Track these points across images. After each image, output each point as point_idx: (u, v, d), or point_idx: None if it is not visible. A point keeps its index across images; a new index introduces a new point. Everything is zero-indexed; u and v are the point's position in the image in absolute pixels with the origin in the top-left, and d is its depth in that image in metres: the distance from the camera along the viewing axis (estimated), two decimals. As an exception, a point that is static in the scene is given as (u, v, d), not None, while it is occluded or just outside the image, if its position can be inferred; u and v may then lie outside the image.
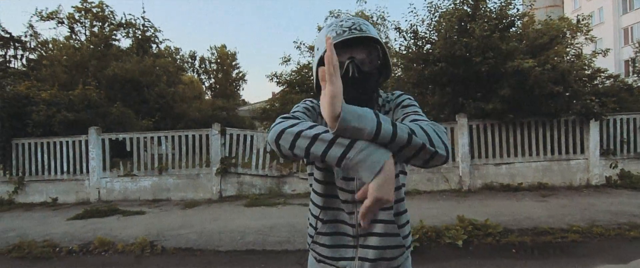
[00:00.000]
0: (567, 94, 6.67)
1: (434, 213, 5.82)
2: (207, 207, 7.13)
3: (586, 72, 9.82)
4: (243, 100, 45.01)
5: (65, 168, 7.93)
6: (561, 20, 11.90)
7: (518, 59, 6.35)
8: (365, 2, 41.73)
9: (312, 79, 1.02)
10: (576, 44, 11.59)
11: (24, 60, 20.59)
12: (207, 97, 36.87)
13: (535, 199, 6.66)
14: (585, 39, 12.58)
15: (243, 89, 63.89)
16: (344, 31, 1.00)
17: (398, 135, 0.82)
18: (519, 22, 8.23)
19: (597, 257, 4.10)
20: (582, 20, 12.23)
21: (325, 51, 0.87)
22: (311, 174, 1.16)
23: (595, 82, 9.89)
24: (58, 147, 7.91)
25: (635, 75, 16.86)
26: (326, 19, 19.80)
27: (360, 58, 1.01)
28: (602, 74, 9.95)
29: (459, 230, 4.85)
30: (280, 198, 7.37)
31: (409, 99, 1.16)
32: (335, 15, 18.15)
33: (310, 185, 1.17)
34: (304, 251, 4.67)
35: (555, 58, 6.55)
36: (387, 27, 14.28)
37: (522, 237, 4.86)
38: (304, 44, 16.24)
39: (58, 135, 7.95)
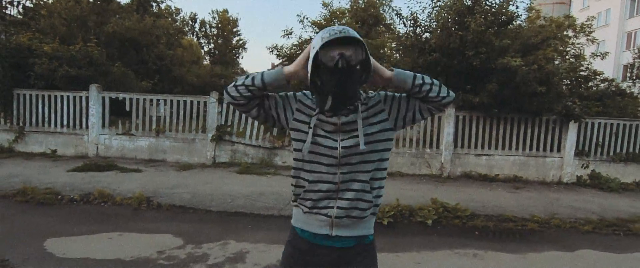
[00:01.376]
0: (550, 95, 7.01)
1: (411, 194, 6.28)
2: (201, 171, 7.52)
3: (582, 73, 10.18)
4: (241, 68, 44.69)
5: (65, 122, 8.20)
6: (565, 18, 12.10)
7: (508, 56, 6.64)
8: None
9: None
10: (577, 44, 11.86)
11: (20, 8, 20.22)
12: (205, 62, 36.56)
13: (507, 190, 7.16)
14: (587, 40, 12.82)
15: (242, 58, 63.11)
16: (336, 33, 1.27)
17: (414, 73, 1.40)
18: (523, 16, 8.40)
19: (547, 245, 4.60)
20: (586, 22, 12.42)
21: (317, 51, 1.25)
22: (297, 150, 1.48)
23: (590, 85, 10.25)
24: (59, 100, 8.15)
25: (631, 81, 17.21)
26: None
27: (348, 54, 1.29)
28: (598, 77, 10.29)
29: (430, 210, 5.31)
30: (271, 169, 7.78)
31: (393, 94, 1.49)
32: (342, -8, 17.95)
33: (295, 166, 1.50)
34: (288, 217, 5.11)
35: (544, 59, 6.84)
36: (392, 10, 14.29)
37: (487, 222, 5.34)
38: (307, 18, 16.24)
39: (59, 89, 8.17)
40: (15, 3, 20.49)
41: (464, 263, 3.91)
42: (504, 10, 7.98)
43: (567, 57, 10.55)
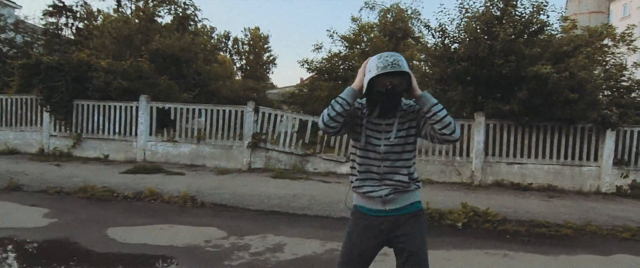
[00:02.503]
0: (584, 102, 6.93)
1: (441, 200, 6.38)
2: (238, 175, 7.98)
3: (624, 83, 9.89)
4: (271, 83, 45.99)
5: (116, 130, 9.00)
6: (604, 27, 11.81)
7: (538, 64, 6.69)
8: (401, -5, 41.22)
9: (343, 68, 1.82)
10: (617, 53, 11.50)
11: (73, 29, 22.18)
12: (237, 78, 38.03)
13: (541, 198, 7.06)
14: (628, 49, 12.40)
15: (272, 73, 64.82)
16: (388, 65, 1.64)
17: (437, 102, 1.69)
18: (555, 25, 8.35)
19: (581, 249, 4.57)
20: (626, 30, 12.06)
21: (374, 74, 1.66)
22: (353, 153, 1.89)
23: (633, 95, 9.89)
24: (112, 110, 8.98)
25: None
26: (361, 9, 20.09)
27: (396, 82, 1.68)
28: None
29: (460, 214, 5.41)
30: (303, 175, 8.11)
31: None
32: (370, 6, 18.39)
33: (352, 159, 1.89)
34: (321, 217, 5.39)
35: (576, 66, 6.80)
36: (420, 22, 14.51)
37: (519, 226, 5.36)
38: (336, 33, 16.76)
39: (113, 100, 9.00)
40: (70, 25, 22.56)
41: (494, 261, 4.00)
42: (534, 20, 8.03)
43: (606, 66, 10.27)
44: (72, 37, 20.67)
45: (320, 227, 4.91)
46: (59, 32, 21.33)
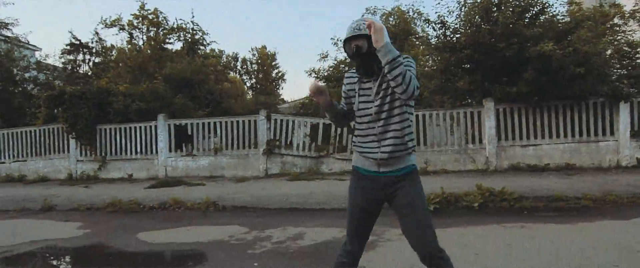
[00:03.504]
0: (592, 76, 6.91)
1: (457, 185, 6.40)
2: (255, 181, 8.20)
3: (638, 60, 9.74)
4: (282, 98, 46.67)
5: (138, 149, 9.42)
6: (612, 6, 11.69)
7: (541, 44, 6.74)
8: (402, -3, 41.62)
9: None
10: (629, 31, 11.31)
11: (90, 64, 23.30)
12: (248, 97, 38.78)
13: (559, 177, 6.99)
14: (639, 25, 12.18)
15: (283, 88, 65.60)
16: (351, 30, 1.89)
17: (398, 54, 1.73)
18: (557, 5, 8.35)
19: (601, 216, 4.56)
20: (635, 6, 11.90)
21: (346, 38, 1.90)
22: (353, 111, 2.03)
23: None
24: (133, 131, 9.42)
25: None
26: (362, 15, 20.43)
27: (360, 44, 1.86)
28: None
29: (476, 195, 5.45)
30: (319, 175, 8.27)
31: (408, 59, 1.95)
32: (372, 11, 18.72)
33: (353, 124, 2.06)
34: (339, 209, 5.52)
35: (579, 41, 6.81)
36: (421, 17, 14.69)
37: (536, 203, 5.36)
38: (340, 41, 17.04)
39: (133, 121, 9.46)
40: (87, 60, 23.69)
41: (510, 233, 4.05)
42: (534, 2, 8.09)
43: (618, 45, 10.11)
44: (90, 72, 21.67)
45: (338, 217, 5.03)
46: (77, 67, 22.43)
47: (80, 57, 23.09)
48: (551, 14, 8.39)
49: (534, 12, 8.18)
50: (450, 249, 2.01)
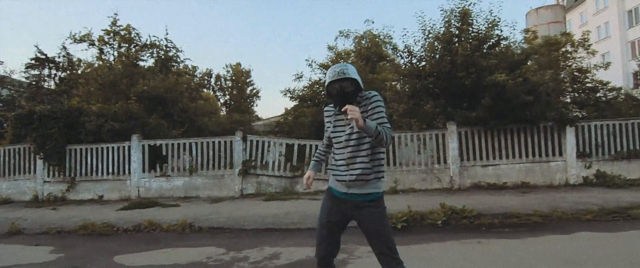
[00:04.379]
0: (540, 103, 7.69)
1: (423, 204, 6.85)
2: (231, 202, 8.32)
3: (589, 84, 10.81)
4: (256, 115, 46.66)
5: (110, 170, 9.30)
6: (562, 35, 12.93)
7: (496, 74, 7.47)
8: (373, 23, 43.48)
9: (323, 94, 2.28)
10: (578, 58, 12.53)
11: (56, 79, 22.50)
12: (222, 113, 38.53)
13: (515, 195, 7.62)
14: (587, 53, 13.53)
15: (257, 105, 65.59)
16: (336, 74, 2.22)
17: (375, 128, 2.00)
18: (510, 38, 9.22)
19: (547, 231, 5.09)
20: (582, 36, 13.21)
21: (329, 79, 2.23)
22: (329, 138, 2.40)
23: (598, 95, 10.76)
24: (105, 152, 9.32)
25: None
26: (336, 38, 21.26)
27: (344, 85, 2.22)
28: (605, 86, 10.86)
29: (439, 213, 5.90)
30: (294, 195, 8.51)
31: (379, 101, 2.29)
32: (345, 34, 19.52)
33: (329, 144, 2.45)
34: (313, 229, 5.77)
35: (529, 72, 7.61)
36: (390, 45, 15.52)
37: (493, 219, 5.87)
38: (315, 62, 17.64)
39: (105, 141, 9.36)
40: (53, 75, 22.88)
41: (467, 248, 4.47)
42: (490, 35, 8.93)
43: (569, 71, 11.14)
44: (55, 88, 20.91)
45: (312, 236, 5.27)
46: (42, 83, 21.61)
47: (46, 72, 22.28)
48: (505, 45, 9.27)
49: (490, 43, 9.02)
50: (413, 263, 2.34)
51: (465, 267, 3.70)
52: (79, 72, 21.18)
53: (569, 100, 10.74)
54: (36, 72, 21.83)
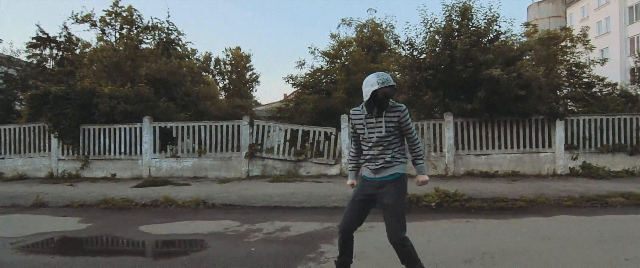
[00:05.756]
0: (532, 97, 8.16)
1: (420, 188, 7.34)
2: (238, 182, 8.83)
3: (585, 80, 11.26)
4: (255, 100, 46.88)
5: (122, 150, 9.75)
6: (562, 30, 13.29)
7: (491, 68, 7.90)
8: (375, 12, 43.46)
9: (325, 81, 2.70)
10: (577, 53, 12.92)
11: (57, 59, 22.59)
12: (221, 97, 38.73)
13: (504, 182, 8.18)
14: (585, 48, 13.92)
15: (256, 90, 65.64)
16: (386, 80, 2.64)
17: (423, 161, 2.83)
18: (508, 33, 9.61)
19: (530, 214, 5.63)
20: (581, 32, 13.57)
21: (378, 86, 2.63)
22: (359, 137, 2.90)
23: (594, 90, 11.21)
24: (118, 132, 9.75)
25: (636, 84, 17.83)
26: (338, 26, 21.49)
27: (388, 91, 2.66)
28: (601, 82, 11.31)
29: (433, 196, 6.43)
30: (297, 178, 9.03)
31: (408, 116, 2.79)
32: (348, 22, 19.75)
33: (363, 147, 2.90)
34: (318, 207, 6.30)
35: (523, 67, 8.06)
36: (392, 36, 15.86)
37: (482, 203, 6.41)
38: (317, 50, 17.94)
39: (118, 122, 9.79)
40: (54, 55, 22.99)
41: (457, 226, 5.01)
42: (490, 30, 9.31)
43: (568, 66, 11.52)
44: (56, 68, 21.06)
45: (317, 213, 5.83)
46: (44, 63, 21.75)
47: (47, 52, 22.35)
48: (502, 41, 9.67)
49: (489, 38, 9.42)
50: (410, 238, 2.83)
51: (453, 240, 4.23)
52: (77, 52, 21.27)
53: (566, 93, 11.21)
54: (37, 51, 21.92)
